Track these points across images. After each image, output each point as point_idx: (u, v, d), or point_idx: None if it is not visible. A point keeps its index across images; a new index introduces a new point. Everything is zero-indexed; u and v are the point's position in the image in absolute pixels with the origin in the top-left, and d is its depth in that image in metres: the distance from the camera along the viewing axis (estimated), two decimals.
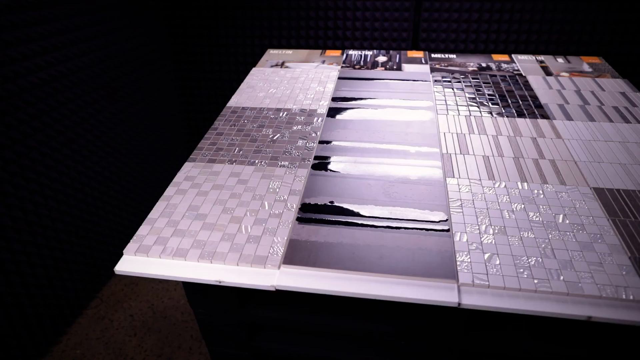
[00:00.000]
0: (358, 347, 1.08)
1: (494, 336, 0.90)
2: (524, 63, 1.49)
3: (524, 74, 1.41)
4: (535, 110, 1.21)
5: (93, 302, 1.82)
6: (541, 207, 0.89)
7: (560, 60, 1.50)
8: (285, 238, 0.84)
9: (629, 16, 1.66)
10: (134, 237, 0.85)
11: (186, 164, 1.05)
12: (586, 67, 1.44)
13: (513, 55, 1.55)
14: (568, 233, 0.82)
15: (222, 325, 1.06)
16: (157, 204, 0.93)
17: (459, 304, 0.72)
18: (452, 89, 1.33)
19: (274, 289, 0.77)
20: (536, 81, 1.36)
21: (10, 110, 1.31)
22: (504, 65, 1.48)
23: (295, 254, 0.80)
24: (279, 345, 1.12)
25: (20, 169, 1.36)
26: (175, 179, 1.00)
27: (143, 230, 0.87)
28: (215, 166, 1.04)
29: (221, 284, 0.78)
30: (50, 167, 1.49)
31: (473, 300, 0.72)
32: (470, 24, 1.98)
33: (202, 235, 0.85)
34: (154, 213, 0.91)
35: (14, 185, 1.35)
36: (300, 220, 0.87)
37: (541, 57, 1.52)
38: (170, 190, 0.97)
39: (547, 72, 1.42)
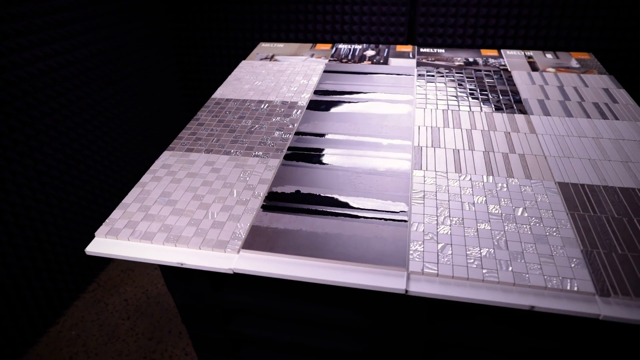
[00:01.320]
0: (331, 335, 1.10)
1: (459, 326, 0.91)
2: (512, 58, 1.49)
3: (509, 69, 1.41)
4: (514, 105, 1.21)
5: (91, 286, 1.89)
6: (503, 200, 0.90)
7: (549, 55, 1.49)
8: (248, 224, 0.87)
9: (619, 12, 1.64)
10: (106, 221, 0.89)
11: (165, 152, 1.09)
12: (574, 63, 1.43)
13: (502, 51, 1.54)
14: (525, 226, 0.84)
15: (198, 309, 1.09)
16: (132, 189, 0.98)
17: (406, 290, 0.74)
18: (435, 83, 1.34)
19: (231, 272, 0.80)
20: (520, 76, 1.36)
21: (9, 100, 1.37)
22: (491, 60, 1.48)
23: (255, 240, 0.83)
24: (256, 330, 1.15)
25: (20, 159, 1.42)
26: (152, 167, 1.04)
27: (116, 214, 0.91)
28: (192, 155, 1.08)
29: (183, 266, 0.82)
30: (49, 155, 1.54)
31: (420, 287, 0.74)
32: (468, 18, 1.98)
33: (170, 220, 0.89)
34: (128, 198, 0.95)
35: (12, 171, 1.40)
36: (264, 207, 0.90)
37: (530, 53, 1.51)
38: (146, 177, 1.01)
39: (534, 67, 1.41)
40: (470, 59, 1.49)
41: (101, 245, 0.86)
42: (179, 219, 0.89)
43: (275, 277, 0.78)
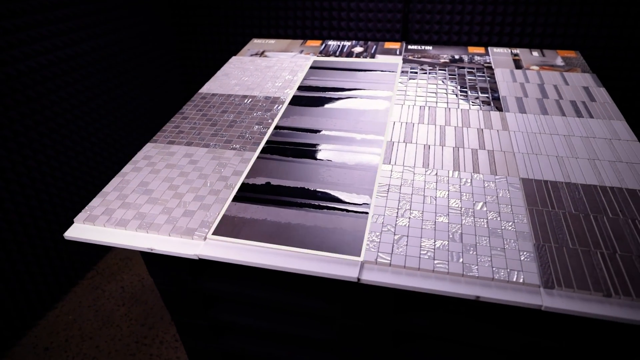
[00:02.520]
0: (306, 322, 1.14)
1: (426, 318, 0.94)
2: (498, 56, 1.50)
3: (493, 67, 1.42)
4: (492, 103, 1.23)
5: (89, 274, 1.96)
6: (465, 194, 0.92)
7: (535, 53, 1.50)
8: (217, 213, 0.91)
9: (605, 10, 1.64)
10: (85, 208, 0.94)
11: (147, 144, 1.14)
12: (559, 61, 1.44)
13: (489, 48, 1.55)
14: (482, 220, 0.86)
15: (179, 295, 1.14)
16: (113, 179, 1.03)
17: (359, 279, 0.77)
18: (416, 80, 1.36)
19: (197, 258, 0.84)
20: (502, 74, 1.37)
21: (9, 93, 1.43)
22: (477, 58, 1.49)
23: (222, 228, 0.87)
24: (235, 317, 1.20)
25: (19, 149, 1.48)
26: (134, 158, 1.09)
27: (95, 202, 0.96)
28: (173, 147, 1.12)
29: (152, 251, 0.86)
30: (48, 146, 1.61)
31: (372, 276, 0.77)
32: (464, 15, 1.99)
33: (145, 208, 0.93)
34: (108, 187, 1.00)
35: (11, 160, 1.47)
36: (235, 198, 0.95)
37: (516, 50, 1.52)
38: (127, 168, 1.06)
39: (518, 65, 1.42)
40: (456, 56, 1.50)
41: (79, 230, 0.91)
42: (153, 207, 0.93)
43: (237, 263, 0.82)
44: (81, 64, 1.74)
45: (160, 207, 0.93)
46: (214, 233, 0.86)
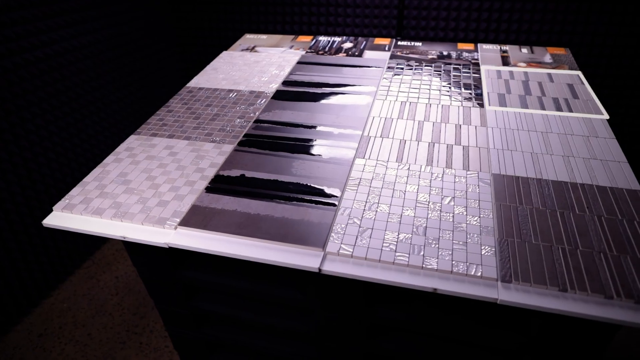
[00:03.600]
0: (286, 314, 1.15)
1: (401, 311, 0.94)
2: (486, 52, 1.50)
3: (480, 63, 1.42)
4: (474, 99, 1.23)
5: (85, 263, 2.01)
6: (434, 189, 0.93)
7: (524, 50, 1.49)
8: (190, 204, 0.93)
9: (594, 7, 1.63)
10: (65, 196, 0.97)
11: (131, 136, 1.17)
12: (547, 58, 1.43)
13: (478, 45, 1.55)
14: (448, 214, 0.87)
15: (161, 284, 1.17)
16: (94, 169, 1.05)
17: (320, 269, 0.79)
18: (401, 76, 1.36)
19: (167, 246, 0.87)
20: (488, 71, 1.37)
21: (6, 86, 1.48)
22: (465, 54, 1.49)
23: (193, 218, 0.89)
24: (216, 306, 1.22)
25: (15, 140, 1.52)
26: (116, 149, 1.12)
27: (75, 191, 0.99)
28: (155, 139, 1.15)
29: (125, 239, 0.89)
30: (45, 138, 1.65)
31: (333, 267, 0.79)
32: (460, 12, 1.98)
33: (122, 198, 0.96)
34: (88, 177, 1.03)
35: (9, 152, 1.51)
36: (208, 189, 0.97)
37: (506, 47, 1.51)
38: (109, 159, 1.09)
39: (505, 62, 1.42)
40: (445, 53, 1.50)
41: (57, 218, 0.94)
42: (129, 197, 0.96)
43: (205, 252, 0.84)
44: (79, 57, 1.78)
45: (136, 197, 0.96)
46: (184, 223, 0.88)
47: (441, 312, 0.93)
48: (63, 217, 0.94)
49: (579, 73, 1.33)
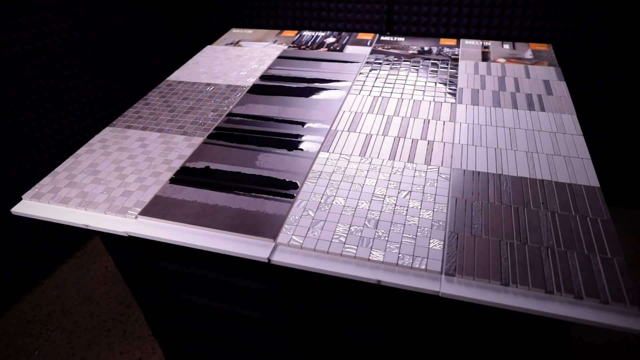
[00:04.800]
0: (257, 305, 1.17)
1: (363, 302, 0.95)
2: (467, 48, 1.49)
3: (459, 59, 1.42)
4: (447, 94, 1.23)
5: (77, 253, 2.05)
6: (392, 183, 0.94)
7: (506, 46, 1.48)
8: (153, 194, 0.95)
9: (579, 3, 1.61)
10: (35, 185, 1.00)
11: (106, 128, 1.19)
12: (528, 54, 1.42)
13: (461, 40, 1.54)
14: (402, 207, 0.87)
15: (136, 273, 1.19)
16: (66, 160, 1.08)
17: (269, 260, 0.80)
18: (378, 71, 1.37)
19: (127, 235, 0.89)
20: (466, 66, 1.37)
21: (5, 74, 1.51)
22: (446, 50, 1.48)
23: (153, 208, 0.91)
24: (190, 296, 1.24)
25: (19, 135, 1.57)
26: (90, 141, 1.14)
27: (45, 180, 1.02)
28: (129, 131, 1.17)
29: (88, 227, 0.91)
30: (35, 130, 1.69)
31: (282, 257, 0.80)
32: (451, 7, 1.97)
33: (89, 188, 0.98)
34: (59, 167, 1.05)
35: (9, 138, 1.56)
36: (172, 180, 0.99)
37: (488, 43, 1.50)
38: (81, 150, 1.11)
39: (485, 57, 1.41)
40: (426, 48, 1.50)
41: (26, 206, 0.97)
42: (96, 187, 0.98)
43: (163, 241, 0.86)
44: (69, 51, 1.81)
45: (102, 187, 0.98)
46: (144, 213, 0.90)
47: (406, 306, 0.94)
48: (31, 206, 0.97)
49: (556, 69, 1.32)
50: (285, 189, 0.94)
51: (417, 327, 0.93)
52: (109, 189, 0.98)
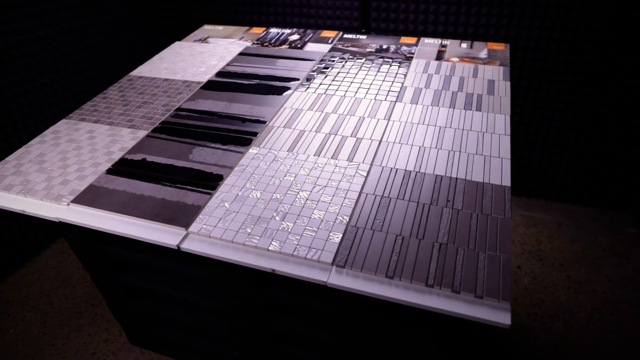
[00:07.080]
0: (201, 291, 1.22)
1: (290, 292, 0.99)
2: (425, 46, 1.50)
3: (414, 57, 1.43)
4: (388, 93, 1.25)
5: (60, 239, 2.15)
6: (310, 177, 0.97)
7: (464, 45, 1.49)
8: (88, 184, 1.01)
9: (537, 1, 1.61)
10: None
11: (62, 120, 1.26)
12: (483, 54, 1.43)
13: (421, 39, 1.56)
14: (313, 202, 0.91)
15: (89, 258, 1.25)
16: (18, 150, 1.15)
17: (178, 247, 0.85)
18: (330, 69, 1.40)
19: (57, 221, 0.95)
20: (417, 64, 1.39)
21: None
22: (404, 48, 1.50)
23: (85, 196, 0.97)
24: (141, 281, 1.30)
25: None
26: (44, 132, 1.21)
27: None
28: (81, 124, 1.24)
29: (24, 212, 0.98)
30: (18, 120, 1.76)
31: (190, 245, 0.85)
32: (429, 5, 1.97)
33: (32, 176, 1.05)
34: (10, 157, 1.12)
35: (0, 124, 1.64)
36: (109, 171, 1.04)
37: (446, 42, 1.52)
38: (34, 140, 1.18)
39: (439, 56, 1.43)
40: (384, 46, 1.52)
41: None
42: (38, 176, 1.05)
43: (89, 227, 0.92)
44: (54, 46, 1.89)
45: (44, 176, 1.05)
46: (75, 200, 0.96)
47: (336, 294, 0.97)
48: None
49: (505, 69, 1.32)
50: (210, 181, 0.98)
51: (347, 314, 0.96)
52: (50, 177, 1.04)
